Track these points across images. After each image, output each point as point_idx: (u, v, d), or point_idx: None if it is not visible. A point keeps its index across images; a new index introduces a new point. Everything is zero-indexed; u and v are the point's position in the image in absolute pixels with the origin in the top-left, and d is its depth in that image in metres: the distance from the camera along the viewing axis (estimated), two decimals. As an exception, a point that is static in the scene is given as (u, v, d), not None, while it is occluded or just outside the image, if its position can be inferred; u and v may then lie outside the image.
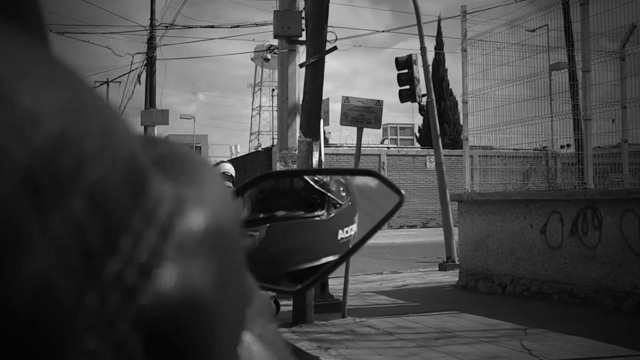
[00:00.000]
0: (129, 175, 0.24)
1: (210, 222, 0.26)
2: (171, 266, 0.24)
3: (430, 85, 12.77)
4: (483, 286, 9.54)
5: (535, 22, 10.14)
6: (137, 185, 0.24)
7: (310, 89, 7.46)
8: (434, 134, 12.91)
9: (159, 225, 0.24)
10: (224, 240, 0.27)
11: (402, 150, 28.84)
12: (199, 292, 0.25)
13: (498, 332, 6.53)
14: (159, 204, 0.25)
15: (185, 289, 0.24)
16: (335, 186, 0.87)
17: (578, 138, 10.27)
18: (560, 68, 10.42)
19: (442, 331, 6.71)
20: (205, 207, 0.26)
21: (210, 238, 0.26)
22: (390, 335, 6.65)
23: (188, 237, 0.25)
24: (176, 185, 0.26)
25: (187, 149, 0.31)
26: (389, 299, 9.21)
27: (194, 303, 0.24)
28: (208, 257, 0.26)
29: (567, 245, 8.11)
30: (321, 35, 7.34)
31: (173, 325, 0.24)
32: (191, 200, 0.26)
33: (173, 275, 0.24)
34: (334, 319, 7.59)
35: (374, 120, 7.61)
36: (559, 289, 8.19)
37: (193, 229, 0.25)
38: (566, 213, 8.14)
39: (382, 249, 19.18)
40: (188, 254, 0.25)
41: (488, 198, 9.56)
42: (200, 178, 0.28)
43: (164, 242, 0.24)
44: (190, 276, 0.24)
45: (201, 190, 0.27)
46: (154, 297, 0.23)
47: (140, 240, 0.24)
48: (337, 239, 0.83)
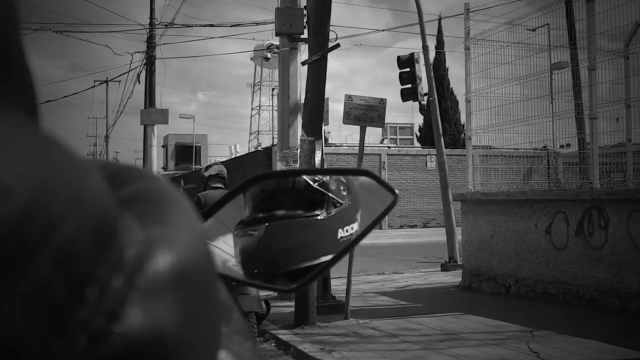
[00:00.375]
0: (98, 230, 0.26)
1: (177, 264, 0.27)
2: (137, 310, 0.26)
3: (433, 84, 12.66)
4: (487, 287, 9.44)
5: (537, 21, 10.05)
6: (105, 237, 0.26)
7: (312, 87, 7.35)
8: (436, 133, 12.81)
9: (125, 272, 0.26)
10: (192, 279, 0.28)
11: (403, 150, 28.72)
12: (164, 332, 0.26)
13: (504, 334, 6.43)
14: (125, 251, 0.27)
15: (150, 330, 0.26)
16: (335, 185, 0.87)
17: (581, 137, 10.18)
18: (562, 67, 10.32)
19: (446, 333, 6.61)
20: (173, 249, 0.28)
21: (177, 279, 0.27)
22: (394, 337, 6.54)
23: (154, 281, 0.27)
24: (144, 227, 0.28)
25: (160, 184, 0.31)
26: (391, 300, 9.11)
27: (159, 343, 0.26)
28: (174, 298, 0.27)
29: (573, 246, 8.01)
30: (323, 33, 7.24)
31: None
32: (158, 243, 0.27)
33: (138, 318, 0.26)
34: (336, 320, 7.48)
35: (377, 119, 7.50)
36: (564, 289, 8.08)
37: (159, 272, 0.27)
38: (572, 213, 8.03)
39: (383, 249, 19.10)
40: (154, 297, 0.26)
41: (492, 198, 9.45)
42: (169, 218, 0.29)
43: (130, 287, 0.26)
44: (155, 318, 0.26)
45: (170, 231, 0.28)
46: (120, 339, 0.25)
47: (107, 288, 0.26)
48: (337, 237, 0.83)
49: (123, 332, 0.25)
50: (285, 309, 8.45)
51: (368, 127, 7.78)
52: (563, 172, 11.15)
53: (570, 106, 10.10)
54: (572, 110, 10.20)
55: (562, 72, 10.22)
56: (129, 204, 0.29)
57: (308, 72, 7.55)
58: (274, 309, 8.86)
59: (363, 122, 7.50)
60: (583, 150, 10.21)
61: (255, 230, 0.84)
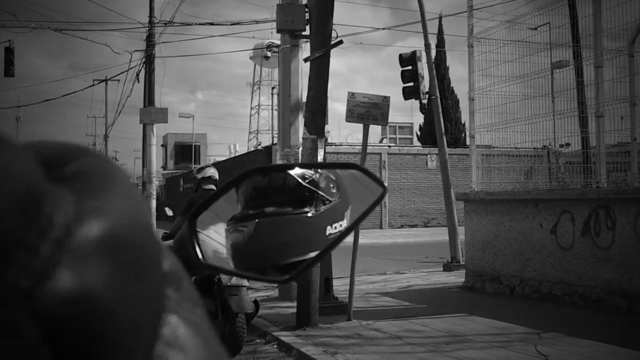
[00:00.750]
0: (24, 201, 0.29)
1: (108, 230, 0.30)
2: (66, 272, 0.28)
3: (435, 82, 12.54)
4: (490, 287, 9.31)
5: (539, 20, 9.94)
6: (32, 207, 0.29)
7: (315, 85, 7.23)
8: (439, 132, 12.69)
9: (54, 237, 0.29)
10: (124, 246, 0.31)
11: (403, 149, 28.57)
12: (94, 292, 0.29)
13: (510, 336, 6.30)
14: (55, 219, 0.29)
15: (80, 290, 0.28)
16: (324, 182, 0.88)
17: (585, 136, 10.06)
18: (563, 66, 10.21)
19: (452, 335, 6.48)
20: (104, 217, 0.31)
21: (107, 244, 0.30)
22: (398, 339, 6.42)
23: (83, 245, 0.29)
24: (79, 198, 0.31)
25: (102, 161, 0.34)
26: (394, 301, 8.98)
27: (90, 302, 0.28)
28: (104, 262, 0.30)
29: (579, 246, 7.88)
30: (326, 29, 7.11)
31: (68, 321, 0.28)
32: (90, 211, 0.30)
33: (68, 279, 0.28)
34: (339, 321, 7.36)
35: (381, 117, 7.36)
36: (570, 290, 7.96)
37: (89, 237, 0.30)
38: (578, 213, 7.91)
39: (384, 248, 18.98)
40: (83, 260, 0.29)
41: (496, 197, 9.33)
42: (106, 191, 0.32)
43: (60, 251, 0.29)
44: (85, 279, 0.29)
45: (104, 201, 0.31)
46: (50, 298, 0.28)
47: (36, 252, 0.28)
48: (325, 234, 0.84)
49: (53, 292, 0.28)
50: (287, 310, 8.32)
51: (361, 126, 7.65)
52: (569, 171, 11.02)
53: (572, 104, 9.98)
54: (576, 109, 10.10)
55: (563, 70, 10.10)
56: (69, 180, 0.32)
57: (310, 70, 7.42)
58: (275, 310, 8.75)
59: (366, 120, 7.36)
60: (586, 149, 10.09)
61: (245, 226, 0.85)
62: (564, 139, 10.45)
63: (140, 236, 0.33)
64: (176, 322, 0.36)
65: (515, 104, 10.03)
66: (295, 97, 9.38)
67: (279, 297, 9.64)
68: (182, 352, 0.35)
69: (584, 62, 9.83)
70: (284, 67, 9.53)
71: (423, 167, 27.38)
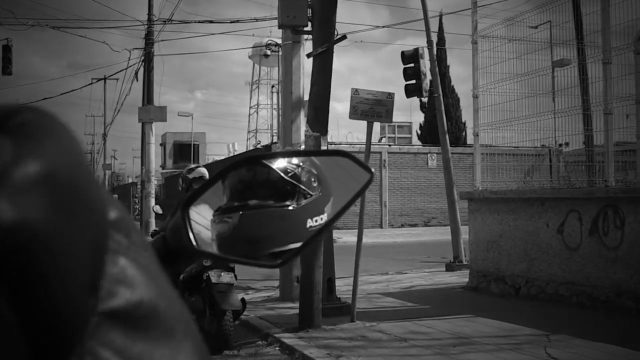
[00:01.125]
0: None
1: (44, 169, 0.33)
2: (4, 204, 0.31)
3: (437, 80, 12.39)
4: (495, 288, 9.16)
5: (540, 18, 9.80)
6: None
7: (317, 81, 7.07)
8: (441, 130, 12.53)
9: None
10: (61, 183, 0.34)
11: (404, 148, 28.40)
12: (32, 223, 0.31)
13: (518, 338, 6.15)
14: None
15: (18, 220, 0.31)
16: (306, 177, 0.90)
17: (588, 134, 9.91)
18: (564, 65, 10.06)
19: (458, 337, 6.33)
20: (41, 157, 0.33)
21: (44, 182, 0.33)
22: (404, 341, 6.26)
23: (21, 181, 0.32)
24: (18, 143, 0.33)
25: (43, 114, 0.37)
26: (397, 301, 8.83)
27: (27, 232, 0.31)
28: (41, 197, 0.32)
29: (587, 246, 7.73)
30: (329, 23, 6.94)
31: (8, 248, 0.30)
32: (27, 153, 0.33)
33: (6, 210, 0.31)
34: (342, 323, 7.20)
35: (385, 114, 7.20)
36: (577, 291, 7.80)
37: (26, 175, 0.32)
38: (585, 212, 7.75)
39: (385, 248, 18.83)
40: (21, 194, 0.32)
41: (501, 196, 9.17)
42: (43, 137, 0.35)
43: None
44: (23, 211, 0.31)
45: (40, 144, 0.34)
46: None
47: None
48: (306, 227, 0.87)
49: None
50: (289, 311, 8.17)
51: (361, 125, 7.51)
52: (570, 170, 10.88)
53: (576, 102, 9.83)
54: (579, 107, 9.95)
55: (565, 69, 9.96)
56: (11, 131, 0.34)
57: (313, 66, 7.26)
58: (276, 311, 8.59)
59: (370, 117, 7.20)
60: (590, 147, 9.96)
61: (230, 217, 0.87)
62: (566, 137, 10.32)
63: (77, 177, 0.36)
64: (125, 263, 0.38)
65: (516, 102, 9.88)
66: (297, 94, 9.22)
67: (280, 297, 9.49)
68: (130, 288, 0.37)
69: (588, 59, 9.69)
70: (285, 64, 9.37)
71: (423, 166, 27.22)
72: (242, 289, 11.20)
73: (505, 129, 9.90)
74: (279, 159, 0.92)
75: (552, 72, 9.98)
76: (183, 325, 0.40)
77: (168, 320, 0.39)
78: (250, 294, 10.19)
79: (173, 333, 0.38)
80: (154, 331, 0.37)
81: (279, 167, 0.90)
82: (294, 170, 0.90)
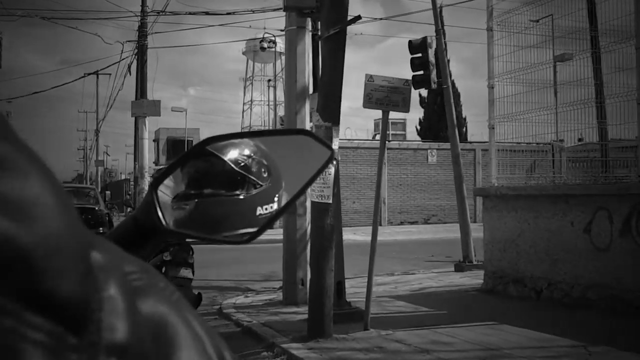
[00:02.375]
0: None
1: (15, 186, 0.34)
2: None
3: (447, 71, 11.80)
4: (513, 290, 8.57)
5: (543, 11, 9.29)
6: None
7: (328, 68, 6.45)
8: (450, 123, 11.93)
9: None
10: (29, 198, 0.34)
11: (403, 144, 27.79)
12: None
13: (554, 350, 5.56)
14: None
15: None
16: (256, 167, 0.96)
17: (602, 127, 9.40)
18: (565, 59, 9.56)
19: (486, 348, 5.73)
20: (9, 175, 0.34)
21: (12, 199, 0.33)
22: (426, 353, 5.66)
23: None
24: None
25: None
26: (410, 305, 8.23)
27: None
28: None
29: (617, 247, 7.14)
30: (342, 4, 6.32)
31: None
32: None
33: None
34: (354, 331, 6.59)
35: (402, 103, 6.58)
36: (607, 295, 7.22)
37: None
38: (616, 210, 7.16)
39: (386, 246, 18.20)
40: None
41: (519, 193, 8.58)
42: None
43: None
44: None
45: (9, 167, 0.34)
46: None
47: None
48: (255, 214, 0.94)
49: None
50: (294, 317, 7.57)
51: (357, 123, 6.91)
52: (567, 168, 10.35)
53: (589, 93, 9.29)
54: (593, 99, 9.43)
55: (567, 64, 9.46)
56: None
57: (322, 50, 6.65)
58: (281, 317, 7.97)
59: (386, 106, 6.58)
60: (604, 141, 9.45)
61: (187, 204, 0.93)
62: (577, 132, 9.82)
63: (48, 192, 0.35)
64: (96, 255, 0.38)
65: (533, 93, 9.34)
66: (302, 83, 8.60)
67: (283, 301, 8.85)
68: None
69: (602, 49, 9.16)
70: (289, 51, 8.74)
71: (423, 162, 26.63)
72: (241, 290, 10.61)
73: (521, 122, 9.31)
74: (231, 150, 0.94)
75: (553, 66, 9.48)
76: None
77: None
78: (250, 297, 9.58)
79: None
80: None
81: (230, 158, 0.95)
82: (245, 162, 0.95)
